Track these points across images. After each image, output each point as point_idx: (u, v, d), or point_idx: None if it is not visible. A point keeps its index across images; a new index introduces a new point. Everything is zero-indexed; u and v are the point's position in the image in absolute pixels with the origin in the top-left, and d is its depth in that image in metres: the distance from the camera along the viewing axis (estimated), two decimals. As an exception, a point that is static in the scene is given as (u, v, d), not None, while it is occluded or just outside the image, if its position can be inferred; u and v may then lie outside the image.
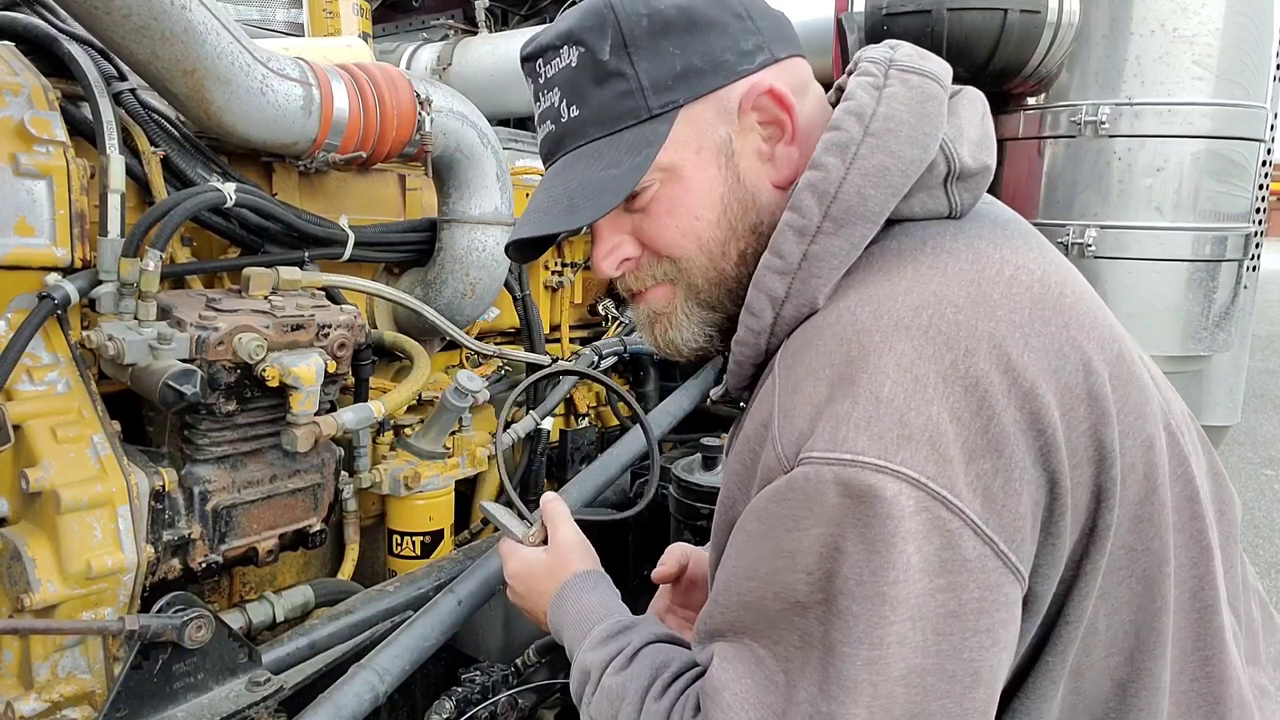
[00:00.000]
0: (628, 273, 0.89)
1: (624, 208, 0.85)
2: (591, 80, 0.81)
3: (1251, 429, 6.31)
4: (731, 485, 0.83)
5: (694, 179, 0.82)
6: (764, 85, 0.81)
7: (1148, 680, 0.77)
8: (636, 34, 0.79)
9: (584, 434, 2.35)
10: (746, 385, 0.88)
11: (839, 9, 2.28)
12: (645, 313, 0.91)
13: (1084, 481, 0.71)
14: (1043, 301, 0.72)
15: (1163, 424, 0.77)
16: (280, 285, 1.47)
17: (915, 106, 0.77)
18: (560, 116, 0.84)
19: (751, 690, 0.70)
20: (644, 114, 0.80)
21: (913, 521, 0.64)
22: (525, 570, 1.06)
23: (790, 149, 0.83)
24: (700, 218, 0.83)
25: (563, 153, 0.85)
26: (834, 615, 0.66)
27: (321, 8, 2.74)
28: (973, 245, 0.76)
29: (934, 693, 0.65)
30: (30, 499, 1.21)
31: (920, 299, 0.71)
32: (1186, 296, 2.24)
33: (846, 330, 0.72)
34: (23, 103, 1.26)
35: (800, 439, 0.69)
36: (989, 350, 0.68)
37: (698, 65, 0.80)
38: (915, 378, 0.67)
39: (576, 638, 0.92)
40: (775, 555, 0.69)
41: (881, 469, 0.64)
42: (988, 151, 0.83)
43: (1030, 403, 0.68)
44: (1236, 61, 2.16)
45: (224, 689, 1.20)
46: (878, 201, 0.75)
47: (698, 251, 0.84)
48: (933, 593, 0.65)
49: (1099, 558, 0.73)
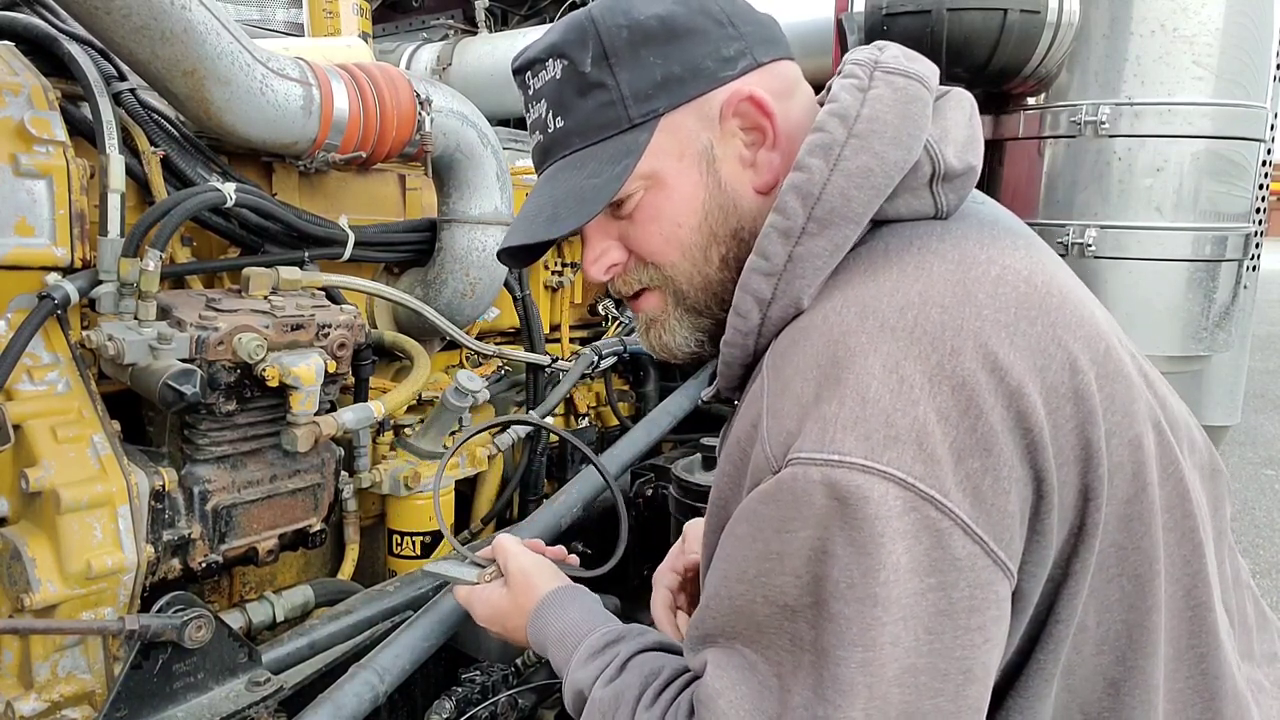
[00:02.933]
0: (616, 277, 0.91)
1: (611, 215, 0.87)
2: (575, 92, 0.83)
3: (1251, 429, 6.31)
4: (723, 486, 0.83)
5: (676, 186, 0.84)
6: (744, 92, 0.82)
7: (1141, 679, 0.77)
8: (617, 45, 0.81)
9: (584, 434, 2.35)
10: (737, 386, 0.88)
11: (839, 9, 2.28)
12: (642, 319, 0.93)
13: (1071, 480, 0.71)
14: (1028, 300, 0.72)
15: (1151, 423, 0.77)
16: (280, 285, 1.47)
17: (899, 108, 0.77)
18: (547, 127, 0.86)
19: (746, 697, 0.70)
20: (625, 124, 0.82)
21: (900, 521, 0.64)
22: (491, 611, 1.06)
23: (772, 154, 0.84)
24: (682, 224, 0.85)
25: (550, 163, 0.87)
26: (825, 619, 0.66)
27: (321, 8, 2.74)
28: (959, 245, 0.77)
29: (928, 692, 0.65)
30: (30, 499, 1.21)
31: (905, 299, 0.71)
32: (1186, 296, 2.24)
33: (833, 331, 0.72)
34: (23, 103, 1.26)
35: (788, 439, 0.70)
36: (975, 349, 0.68)
37: (678, 74, 0.81)
38: (901, 378, 0.67)
39: (563, 658, 0.91)
40: (764, 558, 0.70)
41: (868, 469, 0.65)
42: (974, 152, 0.83)
43: (1017, 401, 0.68)
44: (1236, 61, 2.16)
45: (224, 689, 1.20)
46: (861, 202, 0.76)
47: (681, 257, 0.86)
48: (924, 592, 0.65)
49: (1088, 556, 0.73)
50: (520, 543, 1.10)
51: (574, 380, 2.03)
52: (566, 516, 1.57)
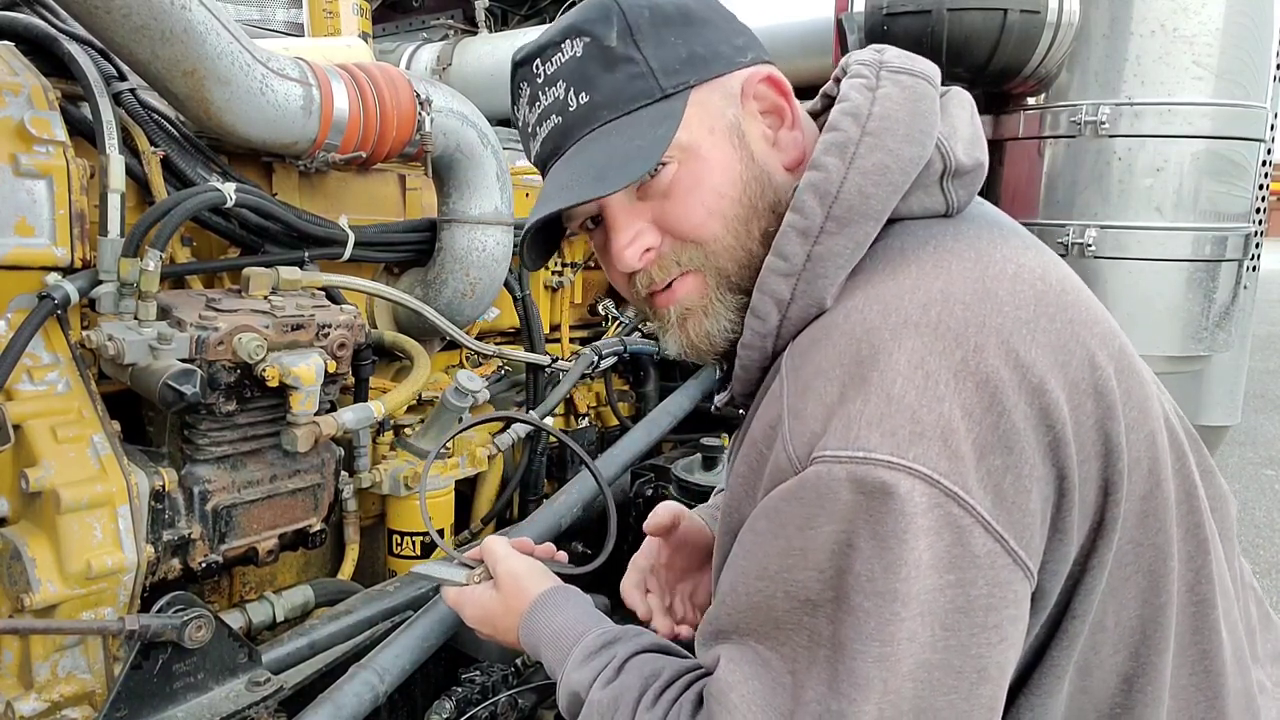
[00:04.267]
0: (649, 265, 0.86)
1: (640, 194, 0.84)
2: (601, 66, 0.82)
3: (1251, 429, 6.31)
4: (737, 489, 0.82)
5: (712, 157, 0.82)
6: (763, 73, 0.84)
7: (1153, 675, 0.77)
8: (640, 23, 0.82)
9: (584, 434, 2.35)
10: (752, 390, 0.87)
11: (839, 9, 2.28)
12: (675, 312, 0.87)
13: (1091, 476, 0.72)
14: (1046, 298, 0.73)
15: (1163, 419, 0.78)
16: (280, 285, 1.47)
17: (910, 105, 0.78)
18: (568, 106, 0.83)
19: (759, 692, 0.70)
20: (657, 93, 0.81)
21: (925, 518, 0.64)
22: (482, 613, 1.03)
23: (794, 133, 0.86)
24: (724, 195, 0.82)
25: (573, 141, 0.84)
26: (844, 612, 0.66)
27: (321, 8, 2.74)
28: (974, 244, 0.77)
29: (941, 688, 0.66)
30: (30, 499, 1.21)
31: (928, 297, 0.71)
32: (1186, 296, 2.24)
33: (855, 329, 0.72)
34: (23, 103, 1.26)
35: (812, 439, 0.70)
36: (998, 346, 0.68)
37: (700, 53, 0.83)
38: (926, 374, 0.67)
39: (557, 659, 0.90)
40: (786, 554, 0.70)
41: (895, 466, 0.65)
42: (980, 149, 0.84)
43: (1040, 398, 0.68)
44: (1236, 61, 2.16)
45: (224, 689, 1.20)
46: (879, 200, 0.76)
47: (724, 231, 0.82)
48: (942, 588, 0.65)
49: (1106, 552, 0.73)
50: (508, 544, 1.08)
51: (574, 380, 2.03)
52: (566, 517, 1.57)
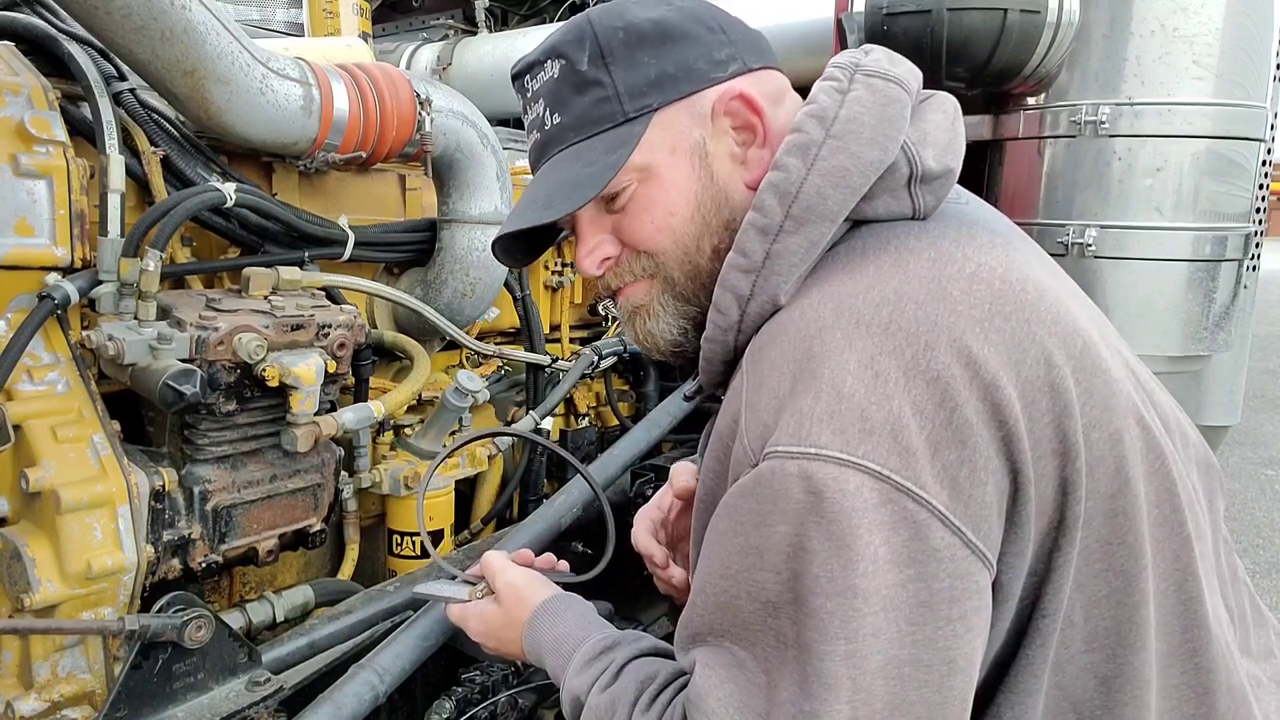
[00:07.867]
0: (608, 271, 0.92)
1: (604, 209, 0.89)
2: (572, 89, 0.85)
3: (1251, 429, 6.31)
4: (709, 481, 0.84)
5: (668, 178, 0.86)
6: (735, 90, 0.85)
7: (1131, 675, 0.77)
8: (613, 45, 0.84)
9: (584, 434, 2.35)
10: (719, 383, 0.90)
11: (839, 9, 2.28)
12: (626, 307, 0.94)
13: (1048, 474, 0.72)
14: (1003, 297, 0.74)
15: (1134, 418, 0.78)
16: (280, 285, 1.47)
17: (877, 109, 0.79)
18: (544, 124, 0.88)
19: (735, 695, 0.71)
20: (620, 118, 0.84)
21: (877, 513, 0.65)
22: (485, 627, 1.07)
23: (762, 151, 0.87)
24: (675, 214, 0.86)
25: (546, 158, 0.89)
26: (805, 614, 0.67)
27: (321, 8, 2.74)
28: (935, 244, 0.78)
29: (912, 682, 0.66)
30: (30, 499, 1.21)
31: (881, 296, 0.73)
32: (1186, 296, 2.24)
33: (809, 327, 0.74)
34: (23, 103, 1.26)
35: (765, 433, 0.71)
36: (949, 344, 0.70)
37: (671, 72, 0.84)
38: (876, 373, 0.68)
39: (559, 666, 0.92)
40: (745, 553, 0.71)
41: (843, 462, 0.66)
42: (953, 155, 0.85)
43: (992, 394, 0.69)
44: (1236, 61, 2.15)
45: (224, 689, 1.20)
46: (837, 201, 0.78)
47: (673, 245, 0.87)
48: (904, 583, 0.66)
49: (1070, 550, 0.74)
50: (507, 557, 1.11)
51: (574, 380, 2.03)
52: (566, 517, 1.57)
